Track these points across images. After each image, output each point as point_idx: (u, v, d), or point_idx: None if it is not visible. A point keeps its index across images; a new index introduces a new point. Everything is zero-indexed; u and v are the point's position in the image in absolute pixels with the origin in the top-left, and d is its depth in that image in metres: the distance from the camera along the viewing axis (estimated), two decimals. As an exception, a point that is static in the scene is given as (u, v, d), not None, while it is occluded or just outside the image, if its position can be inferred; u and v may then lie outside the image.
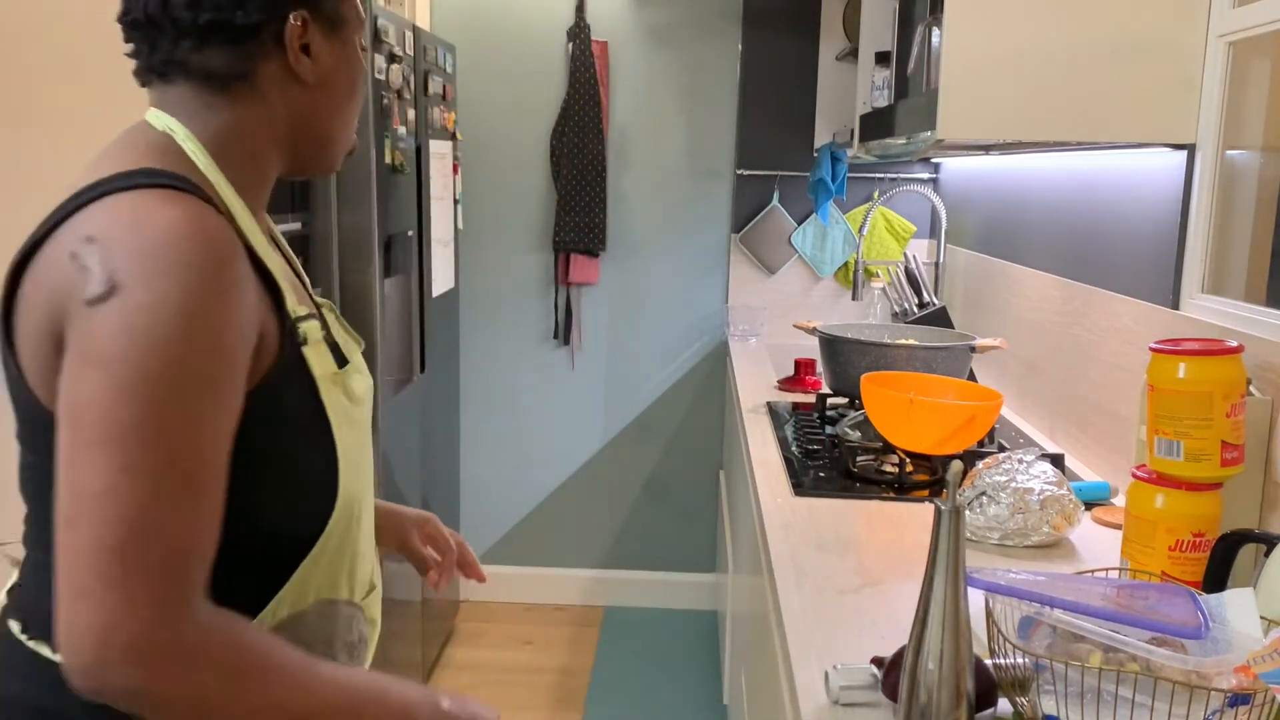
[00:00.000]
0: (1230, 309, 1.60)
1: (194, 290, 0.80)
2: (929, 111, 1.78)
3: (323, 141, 1.02)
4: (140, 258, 0.80)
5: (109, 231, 0.82)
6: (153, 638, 0.76)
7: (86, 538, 0.76)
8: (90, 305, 0.79)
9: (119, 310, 0.79)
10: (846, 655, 1.21)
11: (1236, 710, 0.94)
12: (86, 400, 0.78)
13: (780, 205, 3.60)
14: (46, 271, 0.84)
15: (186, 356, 0.79)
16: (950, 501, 0.95)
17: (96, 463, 0.77)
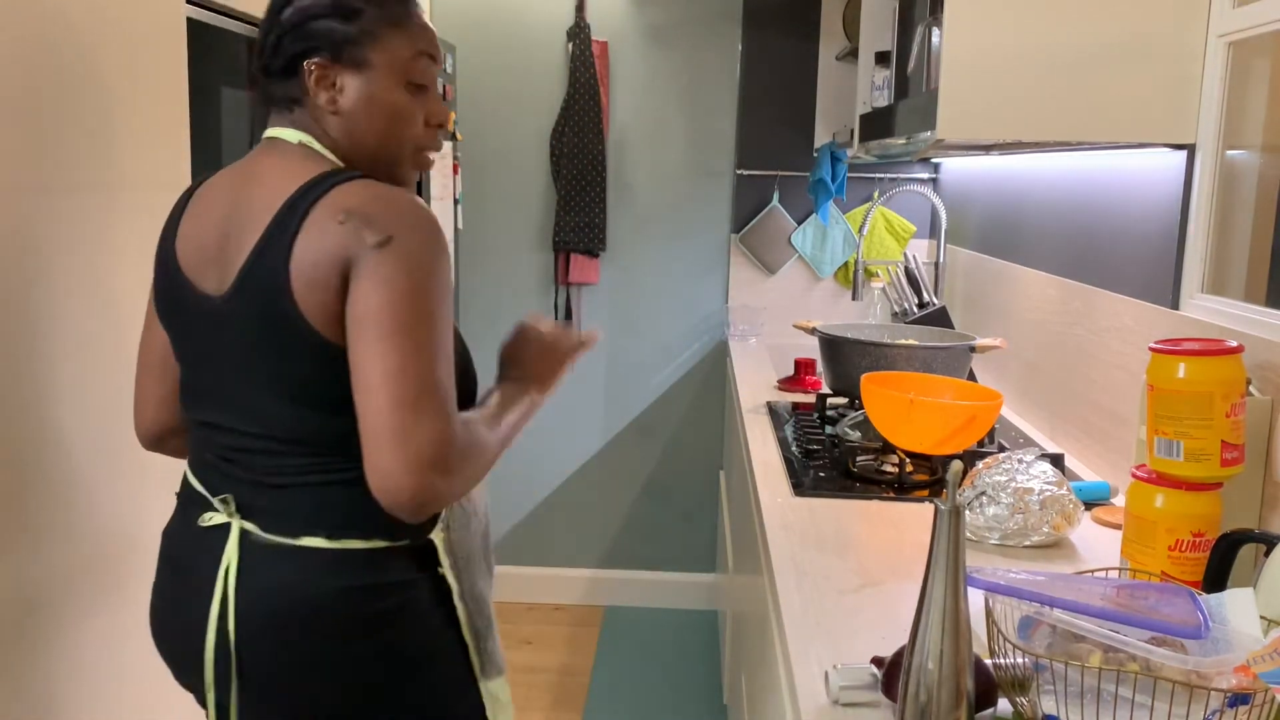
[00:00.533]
0: (1230, 309, 1.60)
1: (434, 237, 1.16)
2: (929, 111, 1.78)
3: (375, 157, 1.26)
4: (400, 217, 1.14)
5: (364, 205, 1.14)
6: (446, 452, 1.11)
7: (394, 397, 1.09)
8: (376, 248, 1.12)
9: (396, 251, 1.12)
10: (846, 655, 1.22)
11: (1236, 710, 0.94)
12: (378, 309, 1.11)
13: (780, 205, 3.60)
14: (318, 241, 1.14)
15: (438, 277, 1.15)
16: (950, 501, 0.95)
17: (390, 348, 1.10)
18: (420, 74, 1.25)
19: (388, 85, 1.24)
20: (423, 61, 1.26)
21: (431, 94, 1.28)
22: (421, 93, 1.27)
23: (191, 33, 1.82)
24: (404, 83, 1.25)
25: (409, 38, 1.24)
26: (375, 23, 1.22)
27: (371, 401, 1.10)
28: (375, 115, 1.24)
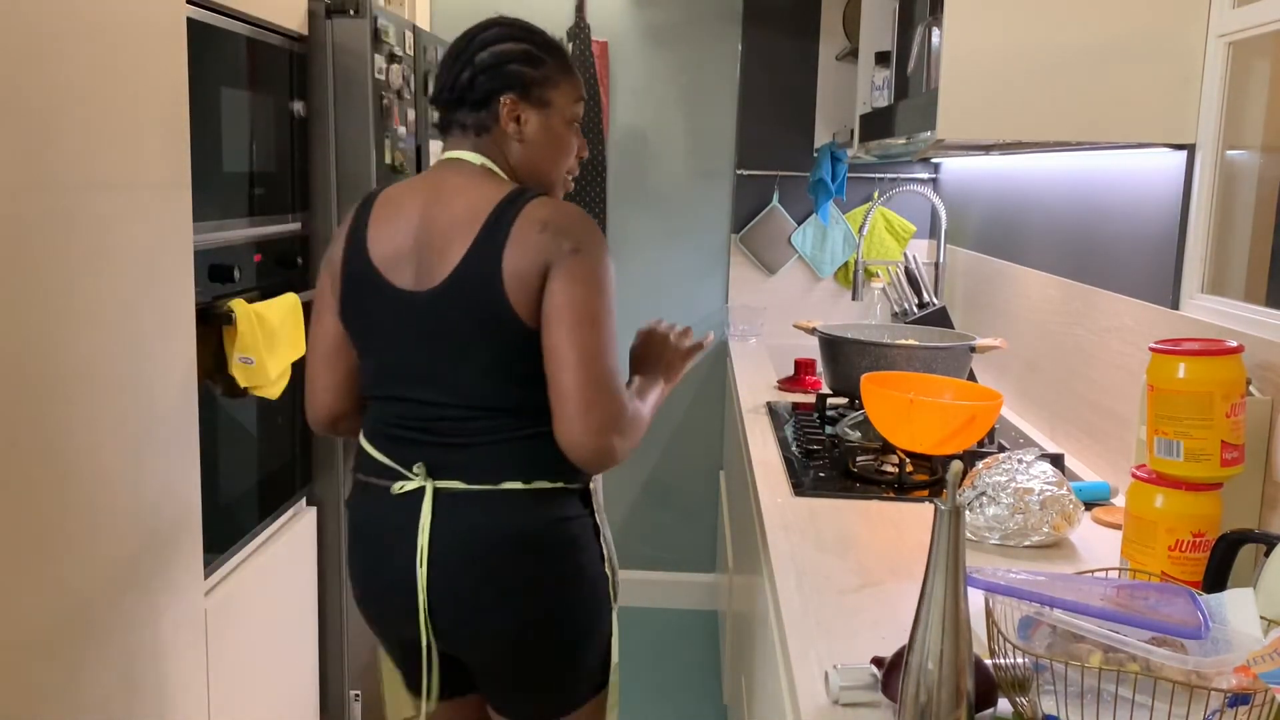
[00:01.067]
0: (1230, 309, 1.60)
1: (606, 246, 1.49)
2: (929, 111, 1.78)
3: (540, 179, 1.59)
4: (585, 229, 1.47)
5: (556, 218, 1.46)
6: (621, 419, 1.44)
7: (586, 375, 1.42)
8: (572, 254, 1.44)
9: (588, 258, 1.45)
10: (846, 655, 1.21)
11: (1236, 710, 0.94)
12: (579, 302, 1.43)
13: (780, 205, 3.60)
14: (523, 246, 1.44)
15: (612, 279, 1.48)
16: (950, 501, 0.95)
17: (586, 334, 1.42)
18: (578, 115, 1.60)
19: (560, 121, 1.57)
20: (580, 105, 1.60)
21: (575, 133, 1.61)
22: (576, 130, 1.61)
23: (191, 33, 1.82)
24: (569, 120, 1.59)
25: (574, 85, 1.59)
26: (555, 71, 1.56)
27: (566, 377, 1.42)
28: (550, 145, 1.57)
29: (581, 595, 1.53)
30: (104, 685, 1.58)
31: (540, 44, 1.57)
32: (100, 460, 1.55)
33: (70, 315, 1.47)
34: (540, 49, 1.57)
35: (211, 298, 1.96)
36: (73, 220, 1.47)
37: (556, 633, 1.53)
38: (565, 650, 1.55)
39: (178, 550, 1.80)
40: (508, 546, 1.49)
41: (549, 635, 1.53)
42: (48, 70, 1.41)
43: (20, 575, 1.38)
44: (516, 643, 1.51)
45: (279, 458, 2.33)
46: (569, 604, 1.52)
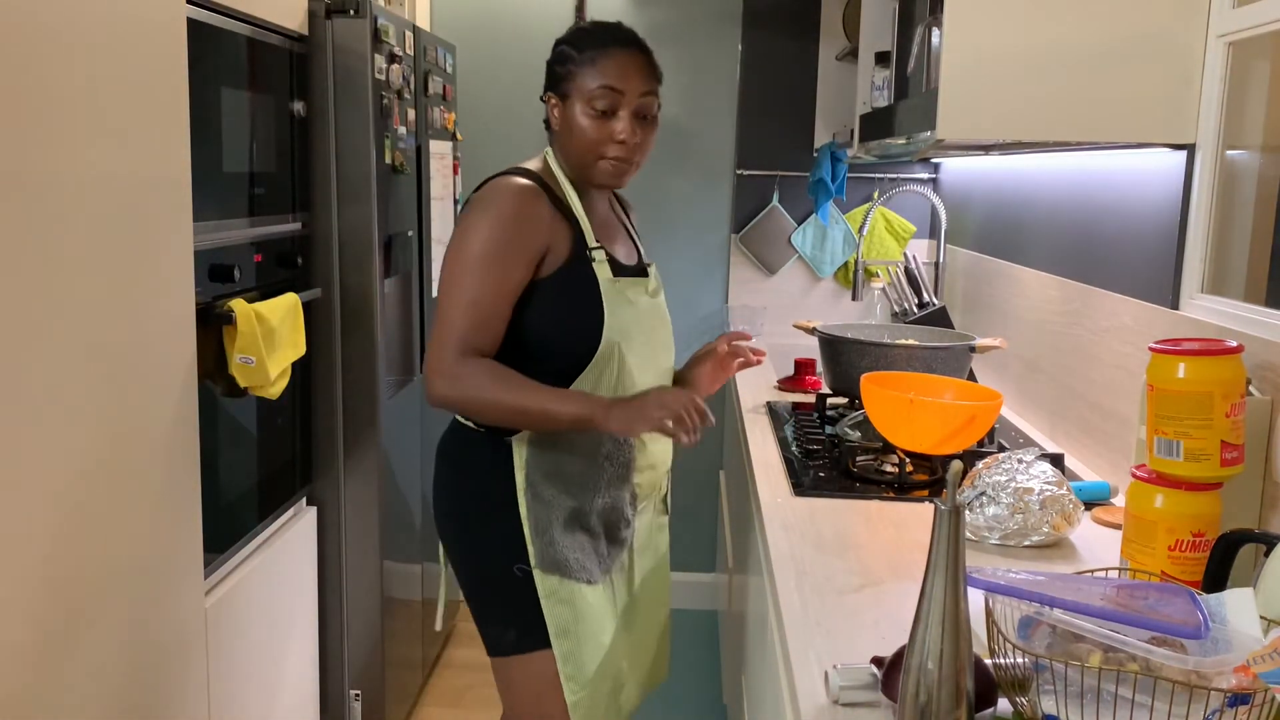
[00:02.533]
0: (1230, 309, 1.60)
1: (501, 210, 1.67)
2: (929, 111, 1.78)
3: (575, 167, 1.76)
4: (476, 200, 1.71)
5: (482, 191, 1.72)
6: (445, 369, 1.64)
7: (434, 331, 1.66)
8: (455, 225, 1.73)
9: (460, 224, 1.69)
10: (846, 655, 1.21)
11: (1236, 710, 0.94)
12: (443, 269, 1.68)
13: (780, 205, 3.60)
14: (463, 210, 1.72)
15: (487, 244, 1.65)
16: (950, 501, 0.95)
17: (440, 299, 1.68)
18: (599, 102, 1.69)
19: (576, 112, 1.71)
20: (600, 92, 1.69)
21: (618, 118, 1.70)
22: (606, 117, 1.70)
23: (191, 33, 1.82)
24: (588, 108, 1.70)
25: (593, 73, 1.69)
26: (576, 65, 1.71)
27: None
28: (570, 134, 1.73)
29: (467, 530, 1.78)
30: (104, 685, 1.58)
31: (575, 42, 1.73)
32: (100, 460, 1.55)
33: (70, 314, 1.47)
34: (573, 46, 1.73)
35: (211, 298, 1.96)
36: (72, 220, 1.47)
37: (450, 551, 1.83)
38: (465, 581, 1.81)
39: (178, 550, 1.80)
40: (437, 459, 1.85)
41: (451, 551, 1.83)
42: (48, 70, 1.40)
43: (20, 575, 1.38)
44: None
45: (279, 458, 2.33)
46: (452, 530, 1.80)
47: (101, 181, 1.54)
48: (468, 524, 1.78)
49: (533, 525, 1.72)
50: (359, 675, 2.62)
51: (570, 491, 1.74)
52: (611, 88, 1.69)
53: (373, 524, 2.57)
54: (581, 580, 1.74)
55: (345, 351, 2.51)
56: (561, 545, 1.72)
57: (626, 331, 1.73)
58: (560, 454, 1.73)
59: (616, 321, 1.71)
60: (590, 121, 1.70)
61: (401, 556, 2.79)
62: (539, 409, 1.64)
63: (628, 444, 1.77)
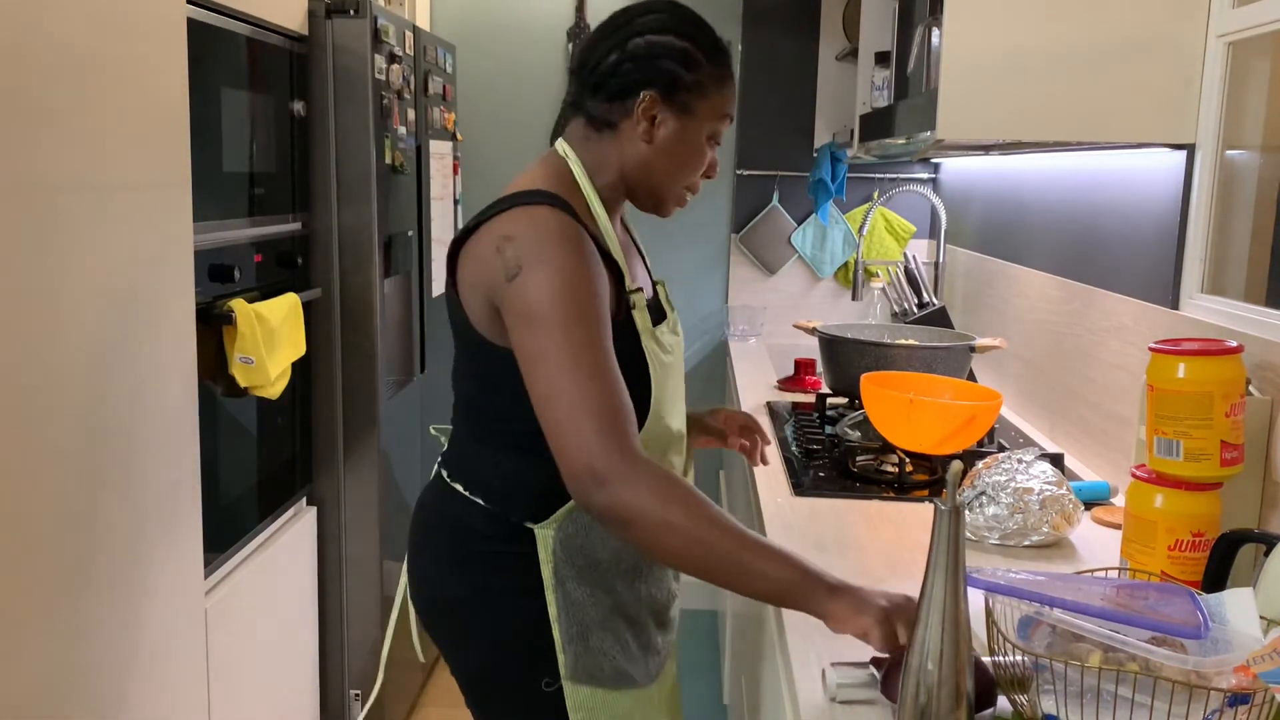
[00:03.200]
0: (1230, 309, 1.60)
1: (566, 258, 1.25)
2: (929, 111, 1.78)
3: (652, 191, 1.42)
4: (530, 250, 1.25)
5: (512, 236, 1.27)
6: (605, 467, 1.18)
7: (562, 415, 1.20)
8: (509, 285, 1.25)
9: (523, 286, 1.24)
10: (846, 655, 1.21)
11: (1236, 710, 0.94)
12: (521, 345, 1.24)
13: (780, 205, 3.60)
14: (478, 252, 1.30)
15: (575, 300, 1.23)
16: (950, 501, 0.95)
17: (553, 374, 1.21)
18: (719, 131, 1.41)
19: (698, 134, 1.39)
20: (725, 122, 1.41)
21: (712, 149, 1.43)
22: (713, 146, 1.42)
23: (192, 33, 1.82)
24: (709, 135, 1.40)
25: (725, 99, 1.39)
26: (709, 78, 1.37)
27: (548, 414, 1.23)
28: (676, 155, 1.39)
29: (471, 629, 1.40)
30: (103, 685, 1.58)
31: (704, 45, 1.38)
32: (100, 460, 1.55)
33: (70, 315, 1.47)
34: (702, 50, 1.37)
35: (212, 298, 1.96)
36: (73, 220, 1.47)
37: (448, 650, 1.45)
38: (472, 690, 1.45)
39: (178, 550, 1.80)
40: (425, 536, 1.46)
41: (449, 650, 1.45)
42: (48, 70, 1.41)
43: (20, 575, 1.38)
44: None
45: (279, 457, 2.33)
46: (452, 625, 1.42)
47: (102, 181, 1.54)
48: (474, 621, 1.40)
49: (564, 630, 1.36)
50: (359, 675, 2.63)
51: (607, 584, 1.39)
52: (731, 118, 1.42)
53: (373, 524, 2.57)
54: (623, 687, 1.40)
55: (345, 351, 2.51)
56: (599, 651, 1.38)
57: (668, 392, 1.42)
58: (593, 540, 1.37)
59: (661, 387, 1.39)
60: (703, 150, 1.40)
61: (401, 556, 2.79)
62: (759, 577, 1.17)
63: None
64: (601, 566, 1.38)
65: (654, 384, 1.36)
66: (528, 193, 1.32)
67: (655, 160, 1.39)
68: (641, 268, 1.53)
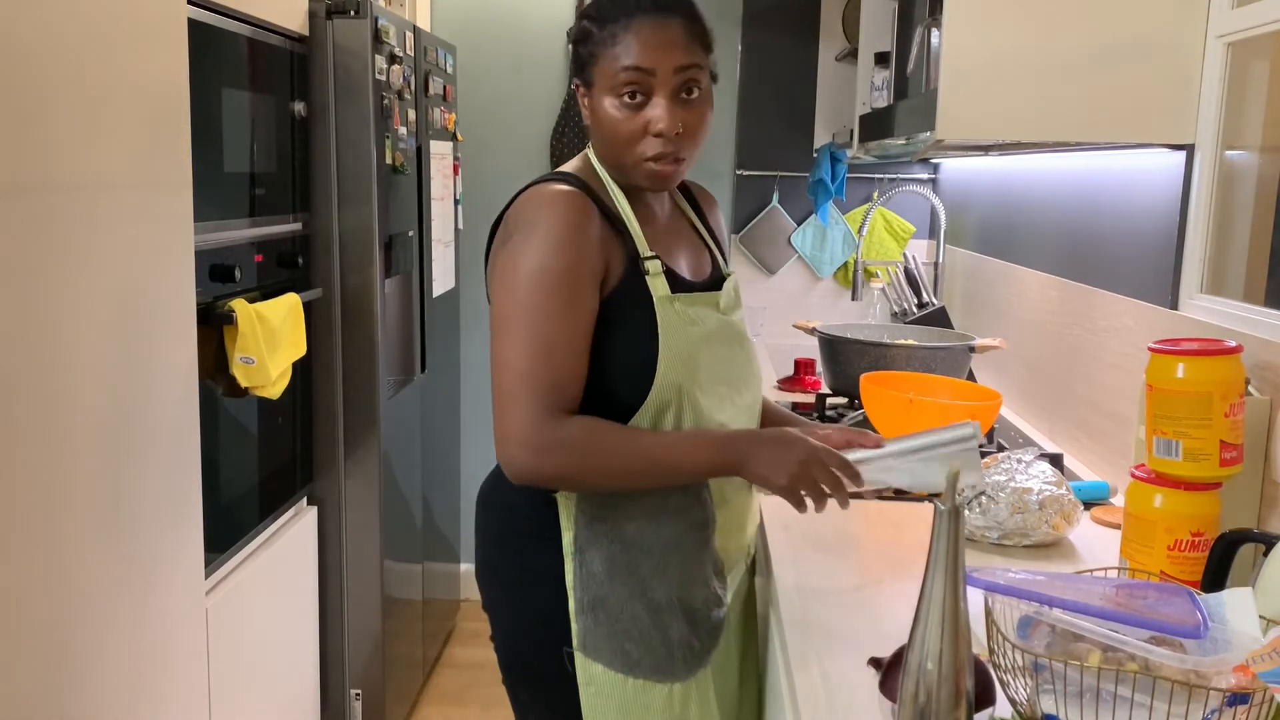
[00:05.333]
0: (1229, 309, 1.60)
1: (553, 230, 1.31)
2: (928, 112, 1.78)
3: (614, 166, 1.42)
4: (522, 221, 1.33)
5: (515, 212, 1.36)
6: (532, 439, 1.27)
7: (499, 386, 1.30)
8: (500, 254, 1.34)
9: (507, 255, 1.32)
10: (846, 655, 1.22)
11: (1235, 709, 0.94)
12: (492, 308, 1.33)
13: (780, 205, 3.60)
14: (497, 245, 1.38)
15: (550, 270, 1.29)
16: (950, 501, 0.95)
17: (495, 342, 1.31)
18: (624, 87, 1.34)
19: (604, 103, 1.36)
20: (626, 75, 1.34)
21: (652, 105, 1.35)
22: (637, 106, 1.35)
23: (192, 33, 1.82)
24: (616, 97, 1.35)
25: (616, 55, 1.34)
26: (596, 45, 1.37)
27: (492, 385, 1.33)
28: (600, 129, 1.39)
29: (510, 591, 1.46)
30: (104, 685, 1.58)
31: (592, 14, 1.38)
32: (101, 460, 1.55)
33: (71, 315, 1.47)
34: (591, 19, 1.38)
35: (212, 298, 1.96)
36: (73, 220, 1.47)
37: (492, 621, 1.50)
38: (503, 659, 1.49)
39: (178, 550, 1.80)
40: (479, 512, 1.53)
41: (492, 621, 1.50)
42: (48, 70, 1.41)
43: (20, 575, 1.38)
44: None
45: (280, 457, 2.33)
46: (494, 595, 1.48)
47: (103, 182, 1.54)
48: (508, 593, 1.46)
49: (578, 599, 1.38)
50: (359, 675, 2.63)
51: (631, 563, 1.38)
52: (638, 68, 1.33)
53: (373, 523, 2.57)
54: (635, 675, 1.38)
55: (345, 351, 2.51)
56: (608, 628, 1.38)
57: (691, 363, 1.37)
58: (617, 511, 1.38)
59: (676, 352, 1.35)
60: (620, 113, 1.35)
61: (402, 556, 2.80)
62: (665, 465, 1.30)
63: (702, 497, 1.41)
64: (627, 542, 1.38)
65: (664, 351, 1.35)
66: (550, 174, 1.41)
67: (598, 140, 1.42)
68: (696, 251, 1.51)
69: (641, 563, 1.38)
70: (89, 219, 1.51)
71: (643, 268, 1.37)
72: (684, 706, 1.40)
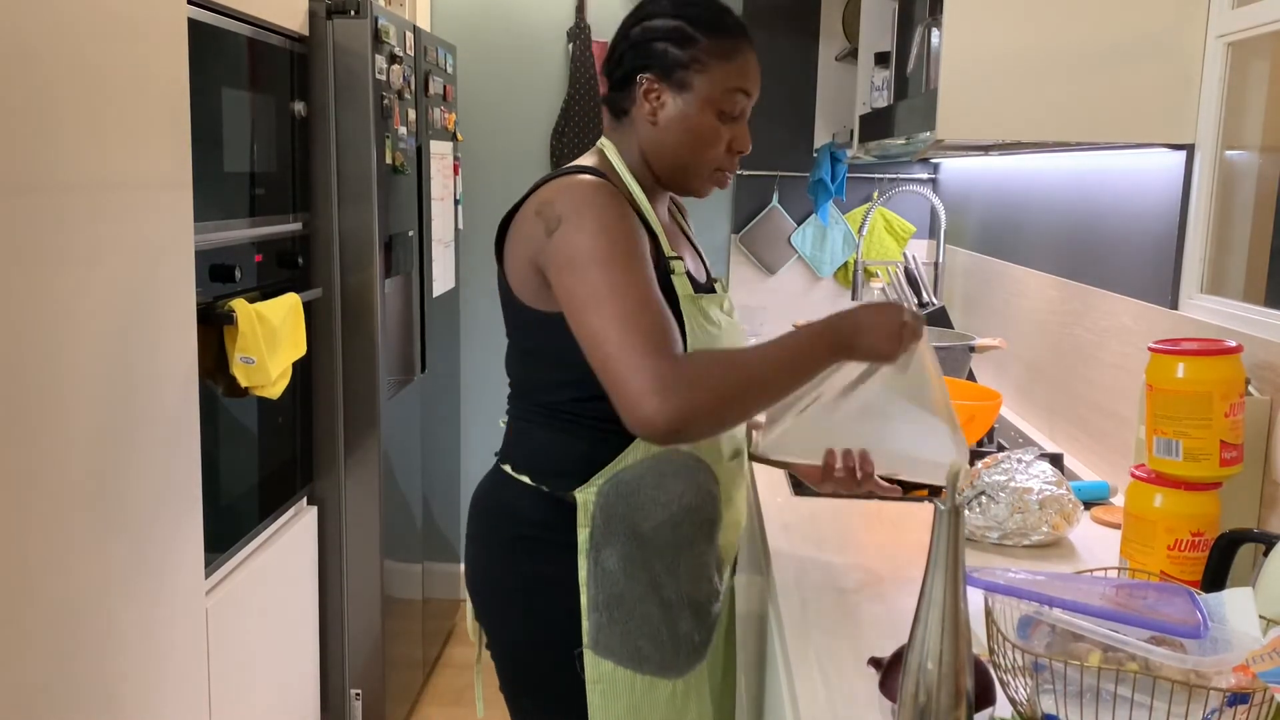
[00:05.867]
0: (1229, 309, 1.61)
1: (604, 212, 1.29)
2: (928, 112, 1.78)
3: (673, 171, 1.43)
4: (567, 205, 1.30)
5: (548, 200, 1.33)
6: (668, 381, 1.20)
7: (606, 358, 1.23)
8: (549, 240, 1.30)
9: (563, 238, 1.29)
10: (846, 655, 1.22)
11: (1235, 709, 0.94)
12: (567, 291, 1.28)
13: (780, 205, 3.60)
14: (522, 225, 1.36)
15: (613, 243, 1.28)
16: (950, 501, 0.95)
17: (584, 321, 1.26)
18: (731, 106, 1.41)
19: (701, 110, 1.39)
20: (736, 96, 1.41)
21: (740, 124, 1.44)
22: (731, 122, 1.42)
23: (192, 33, 1.82)
24: (717, 111, 1.40)
25: (730, 73, 1.40)
26: (705, 53, 1.39)
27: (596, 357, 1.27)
28: (684, 134, 1.40)
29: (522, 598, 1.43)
30: (104, 685, 1.58)
31: (699, 20, 1.40)
32: (101, 459, 1.55)
33: (71, 315, 1.47)
34: (696, 25, 1.40)
35: (212, 297, 1.96)
36: (74, 220, 1.47)
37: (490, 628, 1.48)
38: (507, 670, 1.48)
39: (178, 550, 1.80)
40: (473, 519, 1.50)
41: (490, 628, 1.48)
42: (49, 70, 1.41)
43: (21, 575, 1.38)
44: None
45: (280, 457, 2.33)
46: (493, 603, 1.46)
47: (103, 182, 1.54)
48: (516, 596, 1.44)
49: (591, 596, 1.39)
50: (359, 675, 2.63)
51: (644, 561, 1.41)
52: (748, 92, 1.43)
53: (373, 523, 2.57)
54: (646, 672, 1.41)
55: (346, 351, 2.51)
56: (623, 626, 1.40)
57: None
58: (634, 509, 1.40)
59: (701, 346, 1.39)
60: (713, 127, 1.40)
61: (402, 556, 2.80)
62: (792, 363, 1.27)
63: (713, 496, 1.45)
64: (643, 541, 1.40)
65: (689, 345, 1.37)
66: (567, 168, 1.40)
67: (665, 140, 1.41)
68: (691, 253, 1.55)
69: (655, 560, 1.41)
70: (89, 219, 1.51)
71: (668, 266, 1.40)
72: (684, 701, 1.44)
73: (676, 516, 1.41)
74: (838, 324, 1.31)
